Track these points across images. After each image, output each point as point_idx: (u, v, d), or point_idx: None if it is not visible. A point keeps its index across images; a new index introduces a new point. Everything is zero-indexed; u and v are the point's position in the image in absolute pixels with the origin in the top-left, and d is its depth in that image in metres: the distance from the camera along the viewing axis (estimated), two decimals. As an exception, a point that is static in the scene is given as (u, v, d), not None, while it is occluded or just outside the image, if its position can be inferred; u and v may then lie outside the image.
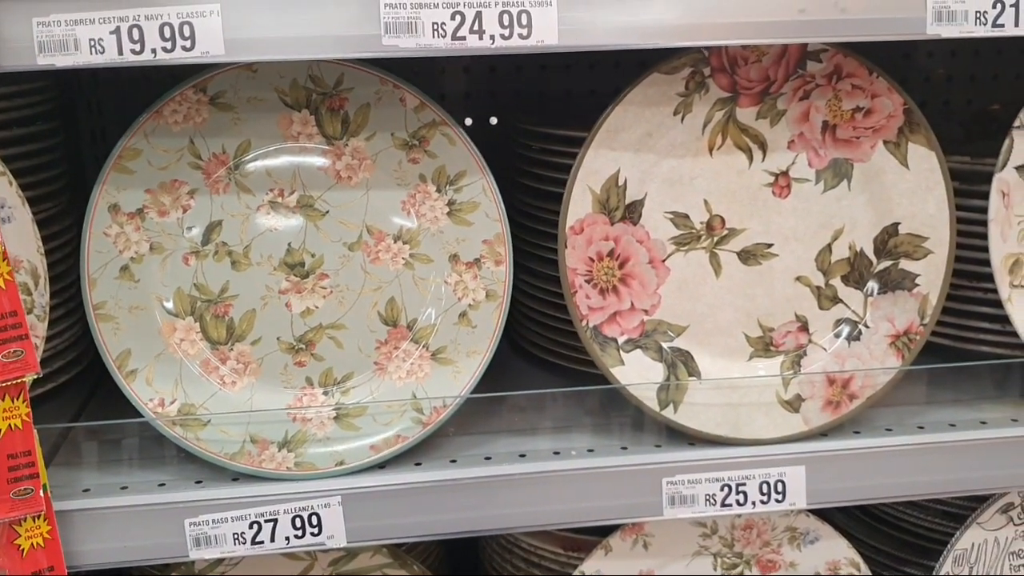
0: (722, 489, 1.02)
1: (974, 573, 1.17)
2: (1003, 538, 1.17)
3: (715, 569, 1.15)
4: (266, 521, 0.96)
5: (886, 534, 1.31)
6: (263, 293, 0.99)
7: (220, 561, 1.05)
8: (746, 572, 1.15)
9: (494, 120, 1.40)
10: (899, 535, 1.29)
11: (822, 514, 1.14)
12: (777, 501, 1.02)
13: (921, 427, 1.06)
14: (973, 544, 1.16)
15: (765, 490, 1.02)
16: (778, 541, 1.14)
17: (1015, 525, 1.17)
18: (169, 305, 0.98)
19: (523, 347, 1.24)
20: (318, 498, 0.96)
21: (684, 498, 1.01)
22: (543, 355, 1.19)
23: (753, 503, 1.02)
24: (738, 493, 1.02)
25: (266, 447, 0.97)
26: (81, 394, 1.14)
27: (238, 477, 0.97)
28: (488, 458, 1.01)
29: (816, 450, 1.02)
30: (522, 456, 1.02)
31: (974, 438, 1.04)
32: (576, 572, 1.11)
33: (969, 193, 1.07)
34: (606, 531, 1.10)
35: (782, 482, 1.02)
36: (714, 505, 1.02)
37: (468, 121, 1.38)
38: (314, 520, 0.96)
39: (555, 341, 1.16)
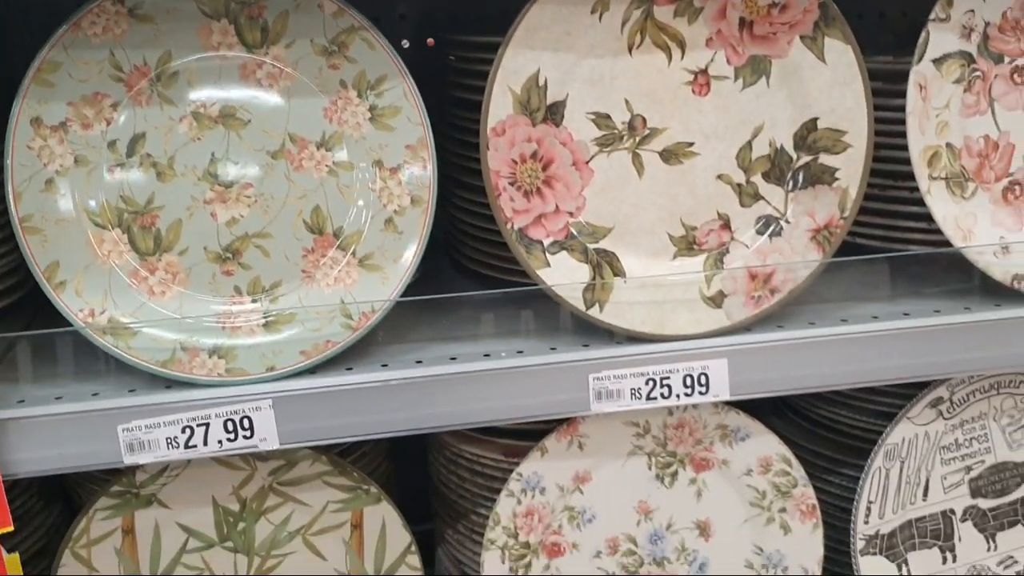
0: (647, 383, 1.04)
1: (905, 467, 1.20)
2: (933, 432, 1.20)
3: (650, 469, 1.17)
4: (198, 425, 0.97)
5: (823, 437, 1.33)
6: (188, 204, 1.00)
7: (161, 472, 1.07)
8: (680, 471, 1.18)
9: (431, 41, 1.40)
10: (835, 437, 1.32)
11: (757, 414, 1.17)
12: (701, 394, 1.05)
13: (844, 320, 1.09)
14: (904, 439, 1.19)
15: (689, 383, 1.04)
16: (710, 439, 1.17)
17: (945, 419, 1.20)
18: (96, 217, 0.98)
19: (462, 263, 1.25)
20: (249, 401, 0.98)
21: (610, 393, 1.03)
22: (481, 269, 1.21)
23: (678, 396, 1.04)
24: (663, 387, 1.04)
25: (197, 354, 0.99)
26: (23, 318, 1.15)
27: (171, 384, 0.99)
28: (419, 361, 1.03)
29: (738, 343, 1.04)
30: (453, 359, 1.03)
31: (896, 327, 1.07)
32: (514, 473, 1.14)
33: (894, 93, 1.09)
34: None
35: (705, 375, 1.04)
36: (640, 399, 1.04)
37: (405, 44, 1.38)
38: (246, 423, 0.98)
39: (492, 255, 1.18)
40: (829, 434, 1.33)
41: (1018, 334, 1.08)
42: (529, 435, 1.17)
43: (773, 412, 1.42)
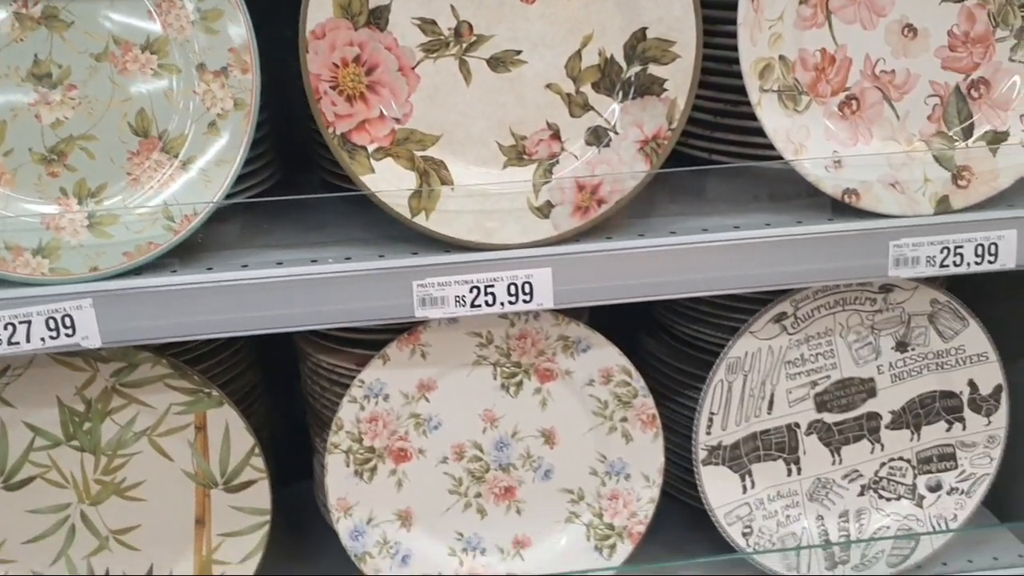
0: (471, 291, 1.05)
1: (749, 380, 1.22)
2: (777, 347, 1.22)
3: (496, 379, 1.19)
4: (20, 323, 0.99)
5: (686, 354, 1.35)
6: (13, 105, 1.00)
7: (3, 371, 1.10)
8: (525, 381, 1.20)
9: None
10: (696, 354, 1.33)
11: (630, 332, 1.17)
12: (525, 302, 1.06)
13: (673, 232, 1.09)
14: (747, 352, 1.21)
15: (513, 292, 1.06)
16: (552, 350, 1.18)
17: (789, 334, 1.21)
18: (-79, 118, 0.99)
19: (324, 178, 1.26)
20: (70, 300, 1.00)
21: (435, 300, 1.05)
22: (334, 180, 1.20)
23: (502, 304, 1.06)
24: (487, 295, 1.06)
25: (20, 253, 1.00)
26: None
27: (-4, 284, 1.01)
28: (245, 265, 1.05)
29: (562, 252, 1.06)
30: (279, 264, 1.05)
31: (726, 239, 1.08)
32: (356, 380, 1.16)
33: (728, 5, 1.07)
34: (382, 341, 1.15)
35: (529, 283, 1.06)
36: (464, 306, 1.06)
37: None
38: (67, 321, 1.00)
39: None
40: (691, 351, 1.35)
41: (849, 247, 1.09)
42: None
43: (647, 332, 1.44)
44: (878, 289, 1.21)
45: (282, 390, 1.45)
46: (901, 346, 1.24)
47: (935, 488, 1.29)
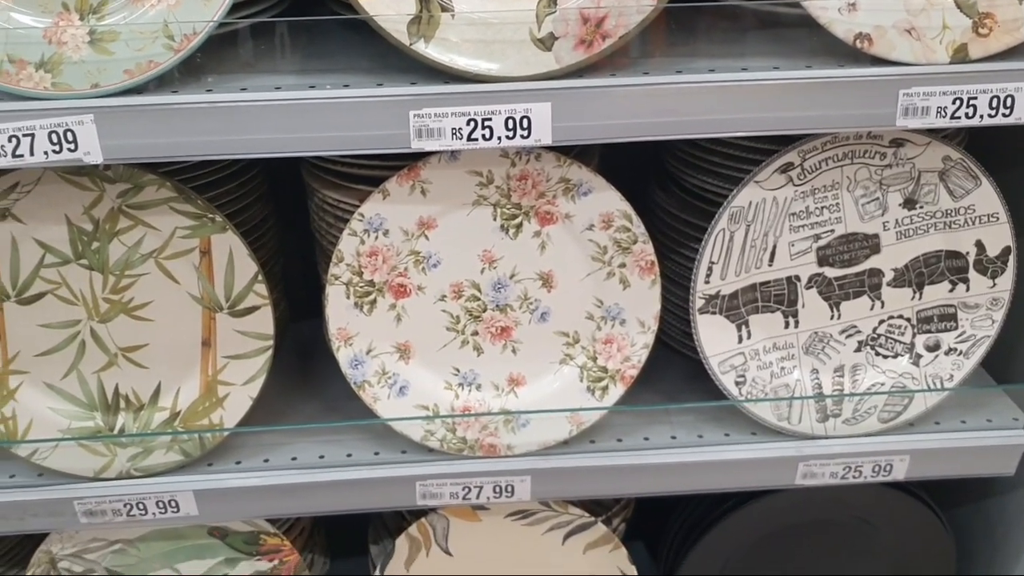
0: (468, 124, 1.05)
1: (751, 231, 1.21)
2: (782, 198, 1.20)
3: (495, 220, 1.20)
4: (24, 135, 1.01)
5: (694, 206, 1.34)
6: (13, -85, 1.00)
7: (13, 187, 1.12)
8: (525, 223, 1.20)
9: None
10: (704, 206, 1.32)
11: (642, 185, 1.17)
12: (523, 137, 1.06)
13: (679, 71, 1.07)
14: (750, 202, 1.20)
15: (511, 126, 1.05)
16: (553, 192, 1.18)
17: (795, 186, 1.20)
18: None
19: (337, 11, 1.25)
20: (72, 115, 1.01)
21: (431, 131, 1.05)
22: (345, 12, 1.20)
23: (499, 138, 1.05)
24: (484, 128, 1.05)
25: (24, 67, 1.01)
26: None
27: (1, 97, 1.02)
28: (243, 88, 1.05)
29: (563, 87, 1.04)
30: (277, 88, 1.05)
31: (732, 80, 1.05)
32: (356, 213, 1.18)
33: None
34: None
35: (528, 118, 1.05)
36: (461, 139, 1.05)
37: None
38: (69, 136, 1.02)
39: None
40: (700, 203, 1.34)
41: (856, 94, 1.06)
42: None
43: (657, 184, 1.43)
44: (888, 143, 1.18)
45: (297, 231, 1.48)
46: (909, 203, 1.22)
47: (933, 348, 1.29)
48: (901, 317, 1.27)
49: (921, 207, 1.22)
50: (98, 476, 1.24)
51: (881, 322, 1.28)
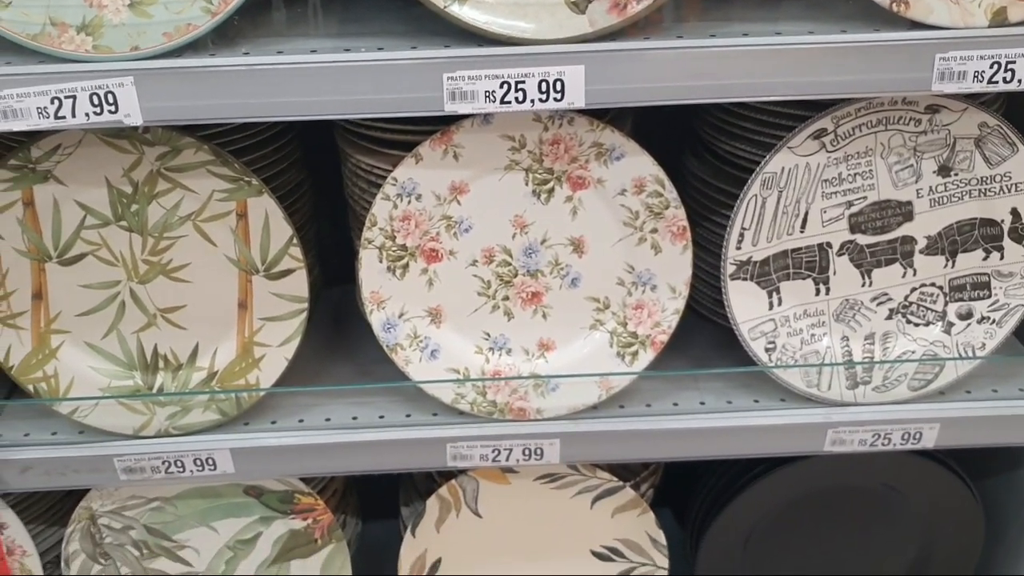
0: (501, 86, 1.05)
1: (784, 197, 1.21)
2: (815, 164, 1.20)
3: (527, 184, 1.21)
4: (66, 97, 1.03)
5: (727, 173, 1.34)
6: None
7: (54, 150, 1.14)
8: (557, 188, 1.21)
9: None
10: (737, 173, 1.32)
11: (674, 151, 1.16)
12: (556, 100, 1.06)
13: (713, 35, 1.07)
14: (783, 168, 1.20)
15: (544, 89, 1.05)
16: (585, 157, 1.19)
17: (828, 152, 1.19)
18: None
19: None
20: (113, 77, 1.03)
21: (464, 94, 1.05)
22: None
23: (532, 101, 1.06)
24: (517, 91, 1.06)
25: (66, 30, 1.03)
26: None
27: (43, 59, 1.04)
28: (280, 52, 1.06)
29: (596, 50, 1.04)
30: (313, 51, 1.06)
31: (767, 44, 1.05)
32: (389, 177, 1.19)
33: None
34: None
35: (561, 81, 1.05)
36: (494, 102, 1.06)
37: None
38: (110, 98, 1.04)
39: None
40: (733, 170, 1.33)
41: (892, 58, 1.06)
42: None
43: (690, 151, 1.43)
44: (924, 109, 1.17)
45: (330, 199, 1.49)
46: (944, 170, 1.21)
47: (966, 316, 1.28)
48: (933, 285, 1.27)
49: (956, 174, 1.21)
50: (137, 434, 1.27)
51: (913, 290, 1.27)
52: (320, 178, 1.46)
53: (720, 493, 1.48)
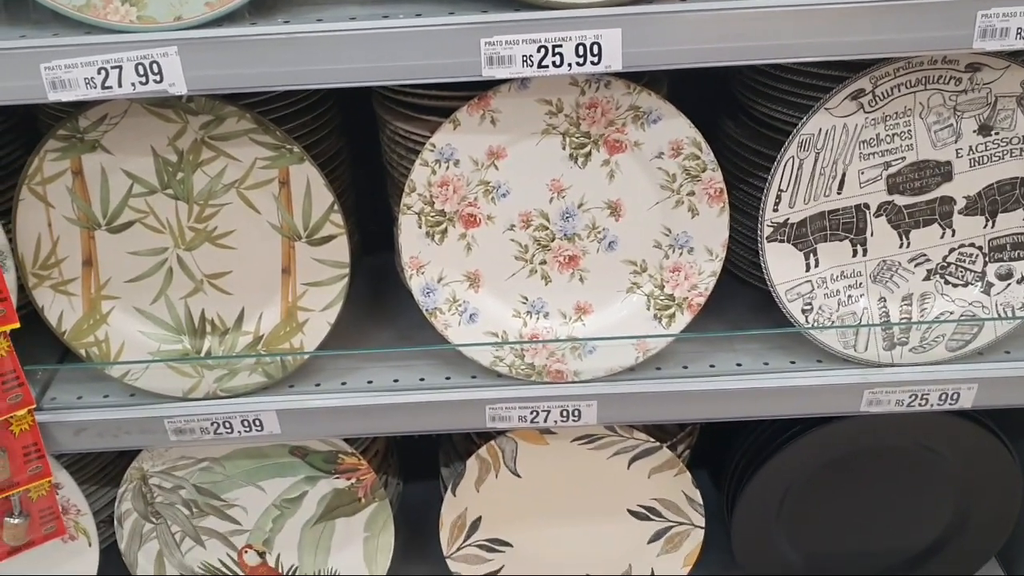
0: (539, 51, 1.06)
1: (821, 158, 1.21)
2: (852, 125, 1.20)
3: (564, 148, 1.21)
4: (112, 68, 1.06)
5: (765, 136, 1.34)
6: None
7: (101, 120, 1.17)
8: (594, 152, 1.22)
9: None
10: (774, 135, 1.32)
11: (712, 116, 1.16)
12: (593, 63, 1.07)
13: None
14: (820, 130, 1.19)
15: (581, 52, 1.06)
16: (622, 120, 1.19)
17: (866, 112, 1.19)
18: None
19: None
20: (157, 47, 1.05)
21: (502, 59, 1.06)
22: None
23: (569, 65, 1.07)
24: (554, 55, 1.06)
25: (111, 1, 1.05)
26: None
27: (90, 31, 1.06)
28: (319, 19, 1.08)
29: (633, 12, 1.05)
30: (352, 19, 1.08)
31: (804, 4, 1.04)
32: (427, 143, 1.20)
33: None
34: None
35: (598, 44, 1.06)
36: (531, 66, 1.07)
37: None
38: (155, 68, 1.06)
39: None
40: (769, 132, 1.33)
41: (932, 16, 1.05)
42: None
43: (727, 114, 1.42)
44: (964, 68, 1.16)
45: (368, 168, 1.51)
46: (984, 129, 1.20)
47: (1005, 276, 1.28)
48: (972, 245, 1.26)
49: (997, 133, 1.20)
50: (187, 396, 1.31)
51: (952, 250, 1.27)
52: (358, 149, 1.48)
53: (756, 454, 1.49)
